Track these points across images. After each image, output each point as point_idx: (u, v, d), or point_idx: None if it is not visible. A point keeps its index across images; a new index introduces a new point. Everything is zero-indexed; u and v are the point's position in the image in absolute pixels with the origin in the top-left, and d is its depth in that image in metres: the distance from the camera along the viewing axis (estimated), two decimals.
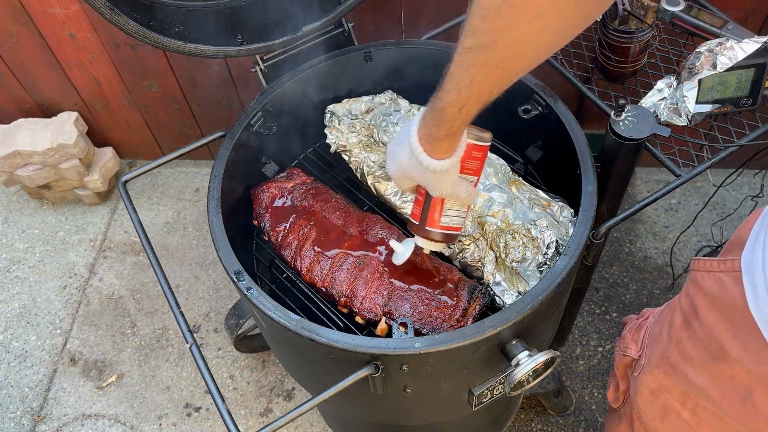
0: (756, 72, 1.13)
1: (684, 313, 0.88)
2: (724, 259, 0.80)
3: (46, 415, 1.94)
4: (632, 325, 1.12)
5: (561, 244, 1.10)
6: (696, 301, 0.85)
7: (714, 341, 0.81)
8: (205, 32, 1.20)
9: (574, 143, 1.13)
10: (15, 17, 1.94)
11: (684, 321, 0.88)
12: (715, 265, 0.81)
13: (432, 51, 1.33)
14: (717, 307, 0.80)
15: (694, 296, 0.86)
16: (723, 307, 0.79)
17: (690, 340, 0.86)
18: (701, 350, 0.84)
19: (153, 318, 2.12)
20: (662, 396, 0.95)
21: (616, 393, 1.17)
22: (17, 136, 2.21)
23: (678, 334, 0.90)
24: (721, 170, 2.17)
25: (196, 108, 2.24)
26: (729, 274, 0.78)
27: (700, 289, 0.84)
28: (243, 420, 1.88)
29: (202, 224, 2.35)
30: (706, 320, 0.82)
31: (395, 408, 1.12)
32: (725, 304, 0.78)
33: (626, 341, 1.10)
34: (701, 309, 0.84)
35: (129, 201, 1.21)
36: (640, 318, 1.12)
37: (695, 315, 0.85)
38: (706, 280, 0.83)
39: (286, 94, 1.30)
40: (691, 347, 0.86)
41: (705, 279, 0.83)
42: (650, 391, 0.98)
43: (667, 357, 0.92)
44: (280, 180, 1.30)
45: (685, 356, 0.88)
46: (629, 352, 1.08)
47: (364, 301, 1.10)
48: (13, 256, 2.32)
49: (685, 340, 0.87)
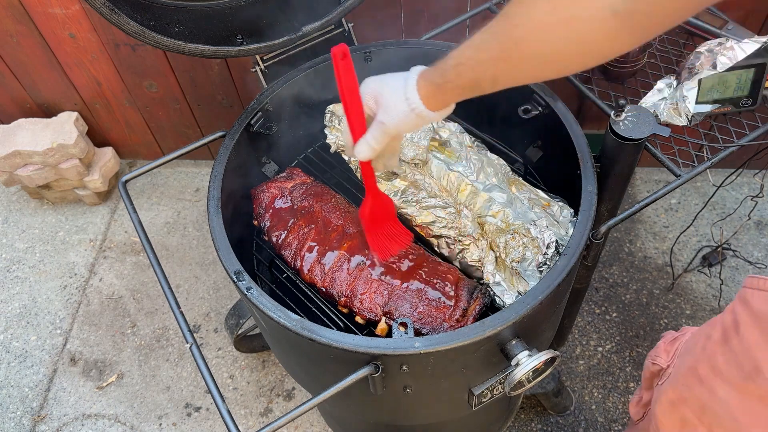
0: (756, 72, 1.13)
1: (725, 328, 0.88)
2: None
3: (46, 414, 1.94)
4: (669, 337, 1.12)
5: (561, 244, 1.10)
6: (740, 317, 0.85)
7: (750, 359, 0.80)
8: (205, 32, 1.20)
9: (574, 143, 1.13)
10: (15, 17, 1.94)
11: (723, 335, 0.88)
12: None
13: (432, 51, 1.33)
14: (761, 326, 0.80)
15: (739, 313, 0.85)
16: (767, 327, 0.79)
17: (724, 355, 0.86)
18: (734, 366, 0.84)
19: (153, 318, 2.12)
20: (681, 408, 0.95)
21: (638, 406, 1.17)
22: (17, 136, 2.21)
23: (713, 347, 0.89)
24: (721, 170, 2.17)
25: (196, 108, 2.24)
26: None
27: (747, 306, 0.84)
28: (243, 420, 1.88)
29: (202, 224, 2.35)
30: (746, 337, 0.82)
31: (395, 408, 1.12)
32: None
33: (658, 350, 1.10)
34: (743, 326, 0.83)
35: (129, 201, 1.21)
36: (678, 333, 1.12)
37: (736, 331, 0.85)
38: (756, 298, 0.83)
39: (286, 94, 1.30)
40: (724, 362, 0.86)
41: (755, 297, 0.83)
42: (670, 401, 0.97)
43: (696, 369, 0.92)
44: (280, 180, 1.30)
45: (715, 370, 0.87)
46: (659, 360, 1.08)
47: (364, 301, 1.10)
48: (13, 256, 2.32)
49: (719, 354, 0.87)
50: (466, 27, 1.92)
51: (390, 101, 0.86)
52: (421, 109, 0.84)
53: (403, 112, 0.85)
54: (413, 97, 0.83)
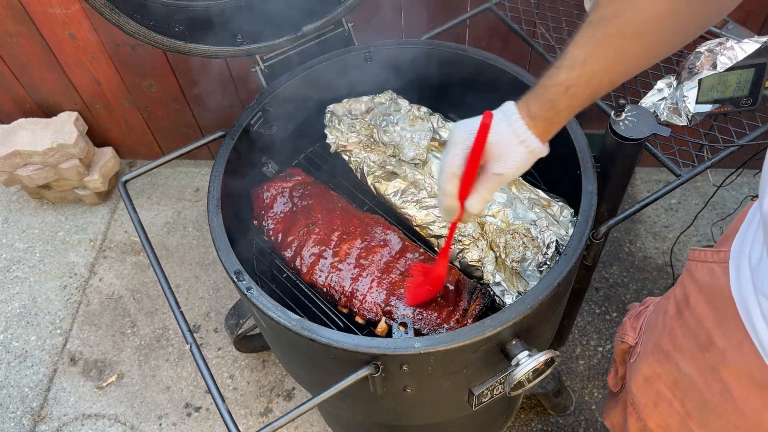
0: (756, 72, 1.13)
1: (677, 302, 0.89)
2: (718, 250, 0.80)
3: (46, 414, 1.94)
4: (633, 312, 1.13)
5: (561, 244, 1.10)
6: (688, 290, 0.86)
7: (702, 330, 0.81)
8: (204, 32, 1.20)
9: (574, 143, 1.13)
10: (15, 17, 1.94)
11: (677, 310, 0.89)
12: (708, 255, 0.82)
13: (432, 51, 1.33)
14: (706, 296, 0.81)
15: (687, 285, 0.87)
16: (711, 297, 0.80)
17: (681, 329, 0.87)
18: (690, 339, 0.84)
19: (153, 318, 2.12)
20: (655, 384, 0.96)
21: (615, 378, 1.18)
22: (17, 136, 2.21)
23: (671, 322, 0.90)
24: (721, 170, 2.17)
25: (196, 108, 2.24)
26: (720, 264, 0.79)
27: (692, 279, 0.85)
28: (243, 420, 1.88)
29: (202, 224, 2.35)
30: (696, 309, 0.83)
31: (395, 408, 1.12)
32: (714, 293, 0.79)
33: (625, 328, 1.11)
34: (692, 298, 0.84)
35: (129, 201, 1.21)
36: (641, 306, 1.13)
37: (687, 304, 0.86)
38: (699, 269, 0.84)
39: (286, 94, 1.30)
40: (682, 336, 0.87)
41: (698, 268, 0.84)
42: (644, 378, 0.98)
43: (661, 345, 0.93)
44: (280, 180, 1.30)
45: (676, 345, 0.89)
46: (627, 338, 1.09)
47: (364, 300, 1.10)
48: (13, 256, 2.32)
49: (677, 329, 0.88)
50: (466, 27, 1.92)
51: (503, 150, 0.79)
52: (540, 148, 0.79)
53: (522, 157, 0.79)
54: (530, 139, 0.78)
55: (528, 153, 0.79)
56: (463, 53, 1.30)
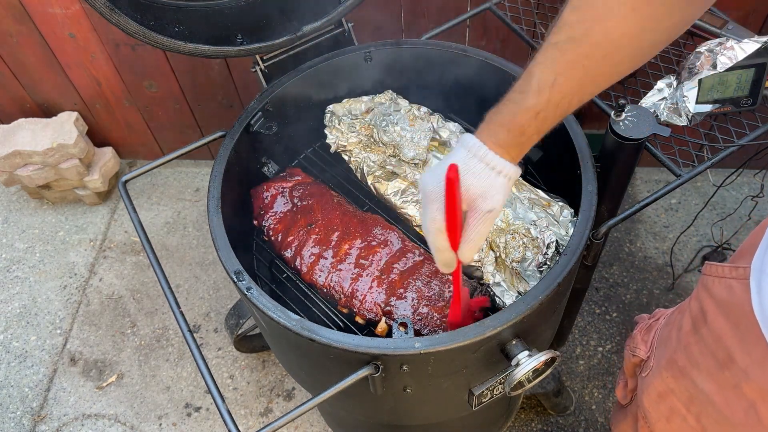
0: (756, 72, 1.13)
1: (693, 317, 0.88)
2: (736, 266, 0.78)
3: (46, 414, 1.94)
4: (643, 325, 1.12)
5: (561, 244, 1.10)
6: (705, 306, 0.84)
7: (721, 348, 0.80)
8: (205, 32, 1.20)
9: (574, 143, 1.13)
10: (15, 17, 1.94)
11: (693, 325, 0.87)
12: (726, 271, 0.80)
13: (432, 51, 1.33)
14: (725, 313, 0.79)
15: (703, 301, 0.85)
16: (731, 314, 0.78)
17: (697, 345, 0.86)
18: (708, 356, 0.83)
19: (153, 318, 2.12)
20: (669, 399, 0.95)
21: (625, 390, 1.17)
22: (17, 136, 2.21)
23: (686, 338, 0.89)
24: (721, 170, 2.17)
25: (196, 108, 2.24)
26: (739, 281, 0.77)
27: (709, 294, 0.83)
28: (243, 420, 1.88)
29: (202, 224, 2.35)
30: (714, 326, 0.81)
31: (395, 408, 1.12)
32: (733, 310, 0.77)
33: (636, 341, 1.10)
34: (710, 314, 0.83)
35: (129, 201, 1.21)
36: (651, 319, 1.11)
37: (704, 320, 0.84)
38: (716, 285, 0.82)
39: (286, 94, 1.30)
40: (699, 352, 0.85)
41: (715, 284, 0.82)
42: (657, 393, 0.97)
43: (675, 360, 0.92)
44: (280, 180, 1.30)
45: (692, 361, 0.87)
46: (638, 352, 1.08)
47: (364, 301, 1.10)
48: (13, 256, 2.32)
49: (693, 345, 0.87)
50: (466, 27, 1.92)
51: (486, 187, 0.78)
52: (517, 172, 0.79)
53: (505, 187, 0.79)
54: (507, 167, 0.77)
55: (508, 181, 0.79)
56: (463, 53, 1.30)
